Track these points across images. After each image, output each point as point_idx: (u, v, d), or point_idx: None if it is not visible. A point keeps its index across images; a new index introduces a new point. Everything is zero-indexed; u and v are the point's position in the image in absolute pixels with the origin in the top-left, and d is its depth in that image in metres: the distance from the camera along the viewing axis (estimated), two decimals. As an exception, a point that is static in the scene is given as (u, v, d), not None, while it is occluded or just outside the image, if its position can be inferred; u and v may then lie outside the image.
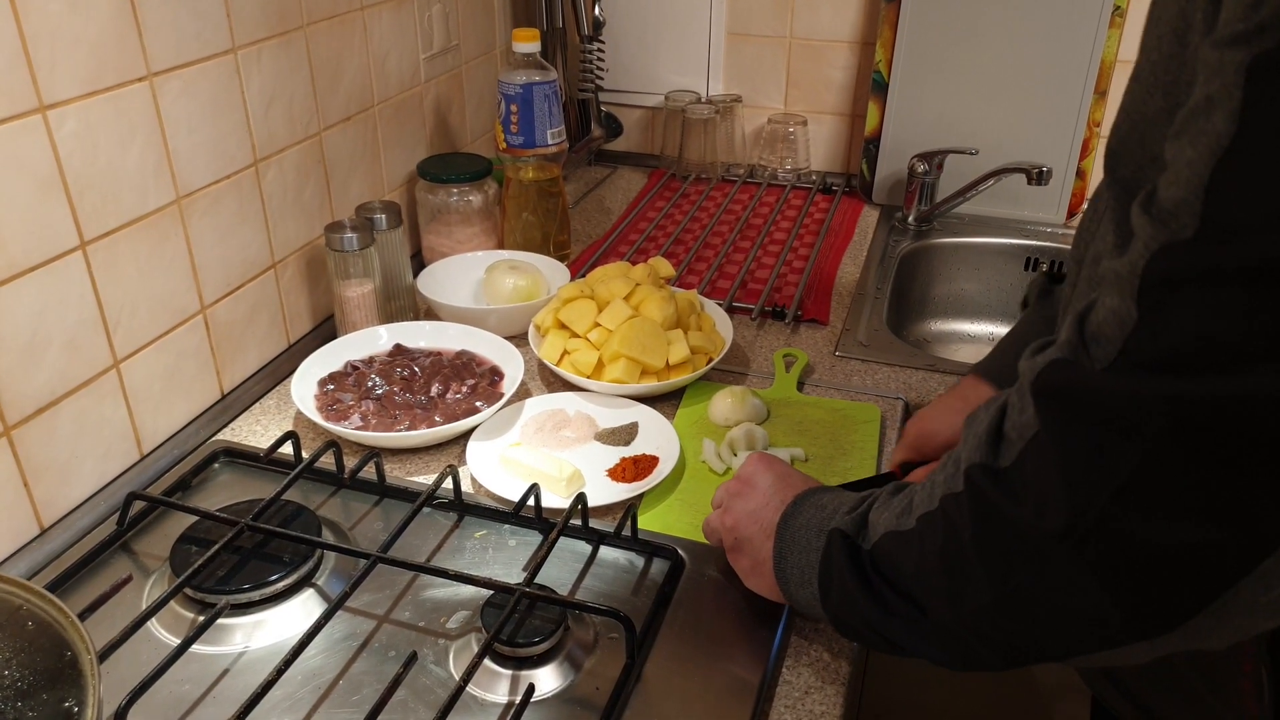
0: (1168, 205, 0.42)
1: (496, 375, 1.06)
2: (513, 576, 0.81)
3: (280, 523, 0.83)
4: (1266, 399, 0.40)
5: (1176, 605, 0.46)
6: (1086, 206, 0.77)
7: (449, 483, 0.88)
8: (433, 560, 0.84)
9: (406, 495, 0.91)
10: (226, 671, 0.73)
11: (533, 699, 0.70)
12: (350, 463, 0.93)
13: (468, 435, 0.97)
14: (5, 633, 0.58)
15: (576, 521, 0.85)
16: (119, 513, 0.86)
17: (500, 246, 1.34)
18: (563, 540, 0.85)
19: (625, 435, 0.99)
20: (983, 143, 1.45)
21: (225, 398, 1.04)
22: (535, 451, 0.93)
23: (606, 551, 0.85)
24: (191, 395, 0.99)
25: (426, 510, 0.88)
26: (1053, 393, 0.49)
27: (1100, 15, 1.37)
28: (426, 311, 1.22)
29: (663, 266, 1.15)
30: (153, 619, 0.75)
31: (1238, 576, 0.44)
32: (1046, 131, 1.45)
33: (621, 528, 0.84)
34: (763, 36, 1.62)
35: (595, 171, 1.74)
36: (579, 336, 1.06)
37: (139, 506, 0.88)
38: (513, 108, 1.24)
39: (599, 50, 1.64)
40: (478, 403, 1.01)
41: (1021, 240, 1.48)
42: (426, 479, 0.94)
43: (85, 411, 0.87)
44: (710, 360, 1.07)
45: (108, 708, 0.63)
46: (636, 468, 0.93)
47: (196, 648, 0.73)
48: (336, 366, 1.06)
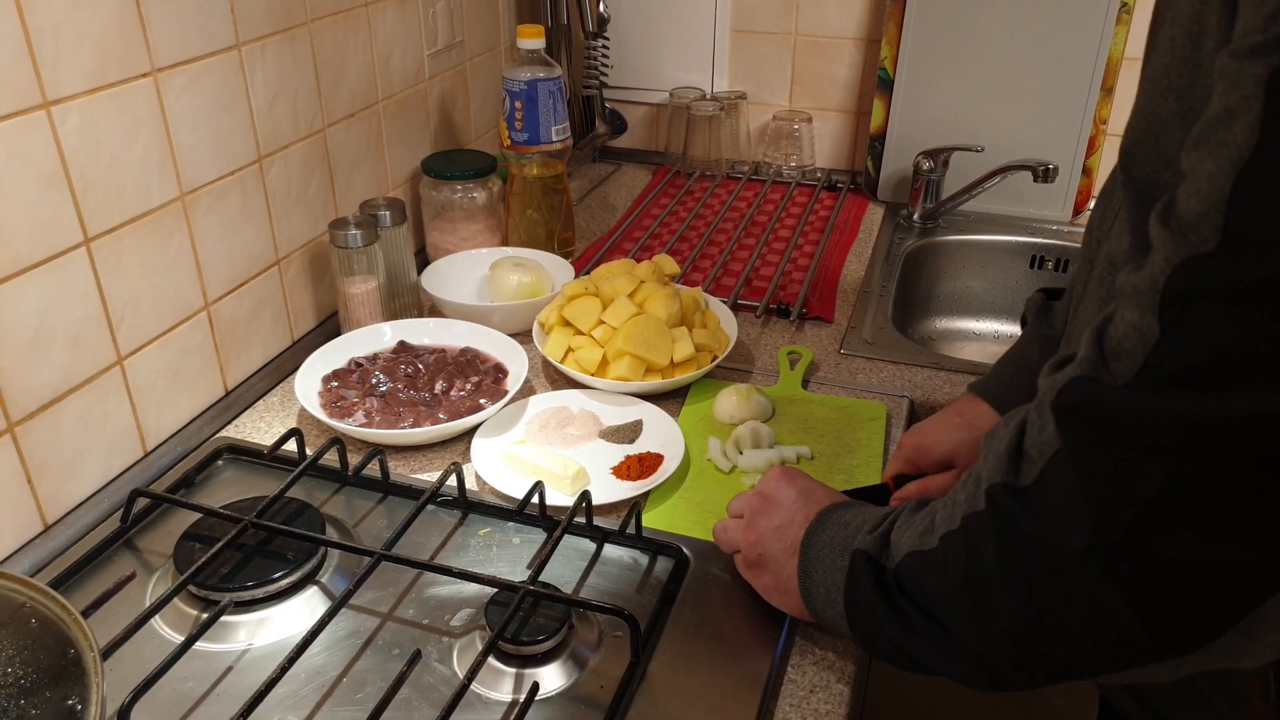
0: (1188, 218, 0.42)
1: (501, 372, 1.06)
2: (517, 574, 0.81)
3: (284, 520, 0.83)
4: None
5: (1204, 623, 0.46)
6: (1095, 202, 0.77)
7: (453, 480, 0.88)
8: (437, 558, 0.84)
9: (410, 493, 0.91)
10: (230, 669, 0.73)
11: (537, 697, 0.70)
12: (354, 460, 0.93)
13: (472, 432, 0.97)
14: (9, 630, 0.58)
15: (581, 519, 0.85)
16: (122, 510, 0.86)
17: (504, 243, 1.33)
18: (567, 538, 0.85)
19: (630, 433, 0.98)
20: (988, 140, 1.44)
21: (229, 395, 1.03)
22: (539, 449, 0.93)
23: (611, 549, 0.85)
24: (195, 392, 0.99)
25: (430, 508, 0.88)
26: (1074, 410, 0.48)
27: (1107, 12, 1.37)
28: (431, 308, 1.22)
29: (667, 264, 1.15)
30: (156, 616, 0.75)
31: (1266, 594, 0.44)
32: (1052, 129, 1.45)
33: (626, 526, 0.84)
34: (768, 33, 1.62)
35: (600, 168, 1.74)
36: (583, 334, 1.06)
37: (143, 503, 0.87)
38: (517, 104, 1.24)
39: (604, 47, 1.64)
40: (482, 400, 1.00)
41: (1027, 238, 1.47)
42: (430, 476, 0.93)
43: (89, 408, 0.86)
44: (715, 358, 1.07)
45: (111, 705, 0.62)
46: (641, 465, 0.92)
47: (200, 645, 0.72)
48: (340, 363, 1.06)
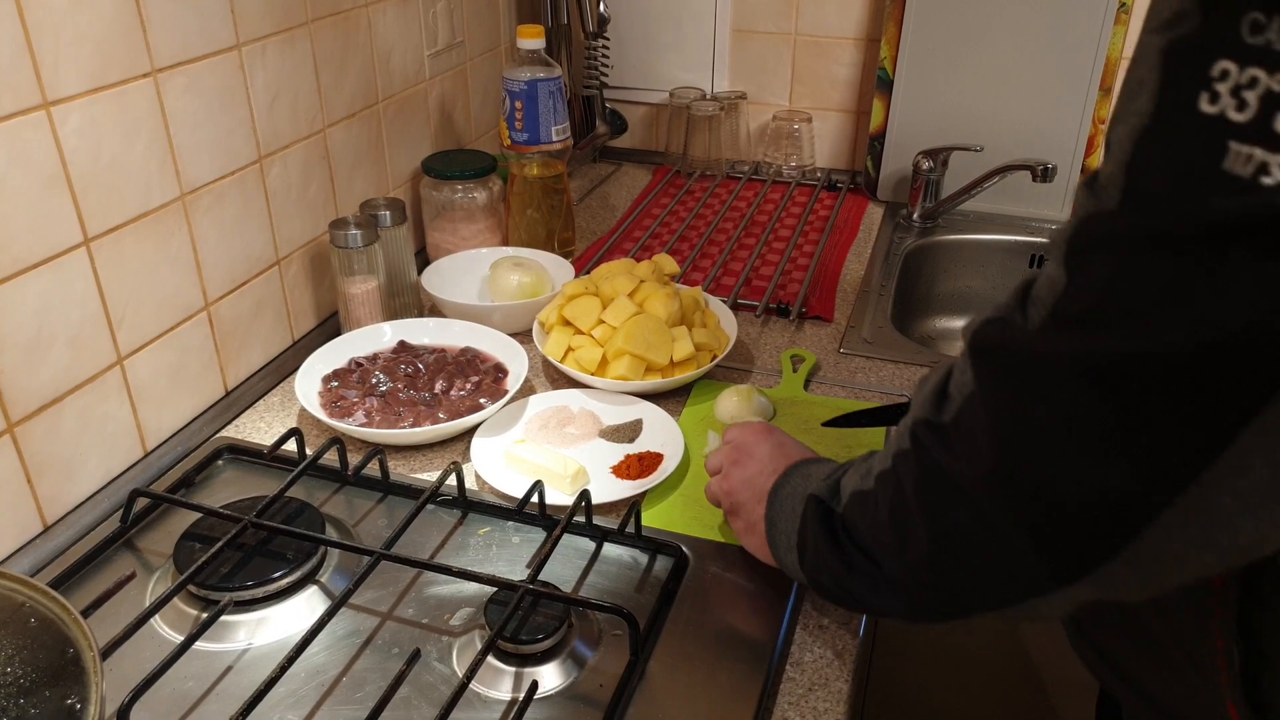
0: (1102, 181, 0.46)
1: (500, 372, 1.06)
2: (516, 573, 0.81)
3: (284, 520, 0.83)
4: (1161, 355, 0.43)
5: (1089, 550, 0.50)
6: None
7: (453, 480, 0.88)
8: (436, 557, 0.84)
9: (410, 492, 0.91)
10: (230, 668, 0.73)
11: (536, 696, 0.70)
12: (354, 460, 0.93)
13: (472, 432, 0.97)
14: (8, 630, 0.58)
15: (580, 518, 0.85)
16: (122, 509, 0.86)
17: (505, 243, 1.34)
18: (566, 537, 0.85)
19: (629, 432, 0.99)
20: (988, 139, 1.44)
21: (229, 394, 1.04)
22: (539, 448, 0.93)
23: (610, 548, 0.85)
24: (195, 392, 0.99)
25: (430, 507, 0.88)
26: (986, 350, 0.53)
27: (1106, 11, 1.37)
28: (431, 308, 1.22)
29: (667, 263, 1.15)
30: (156, 616, 0.75)
31: (1142, 524, 0.47)
32: (1052, 128, 1.45)
33: (625, 525, 0.84)
34: (768, 33, 1.62)
35: (600, 168, 1.74)
36: (583, 333, 1.06)
37: (142, 503, 0.88)
38: (517, 104, 1.24)
39: (604, 47, 1.64)
40: (482, 399, 1.01)
41: (1026, 237, 1.47)
42: (430, 476, 0.93)
43: (89, 408, 0.87)
44: (715, 357, 1.07)
45: (111, 705, 0.63)
46: (641, 465, 0.93)
47: (200, 645, 0.73)
48: (340, 363, 1.06)
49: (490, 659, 0.72)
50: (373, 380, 1.02)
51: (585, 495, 0.84)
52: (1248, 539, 0.45)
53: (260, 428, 1.02)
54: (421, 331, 1.12)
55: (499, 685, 0.71)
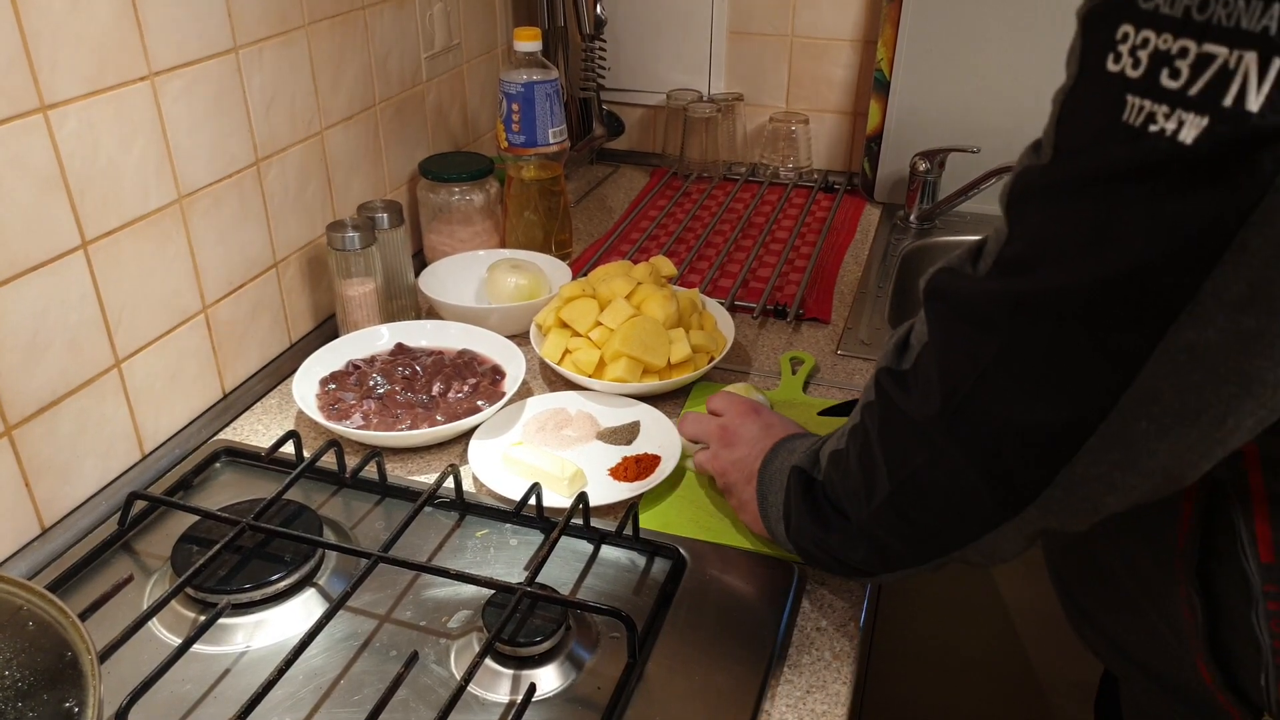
0: (1041, 140, 0.51)
1: (498, 374, 1.06)
2: (514, 576, 0.81)
3: (281, 522, 0.83)
4: (1077, 290, 0.47)
5: (1030, 478, 0.53)
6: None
7: (450, 482, 0.88)
8: (434, 560, 0.84)
9: (408, 494, 0.91)
10: (228, 671, 0.73)
11: (534, 698, 0.70)
12: (351, 462, 0.93)
13: (469, 434, 0.97)
14: (6, 633, 0.58)
15: (578, 521, 0.85)
16: (120, 512, 0.86)
17: (502, 245, 1.34)
18: (564, 539, 0.85)
19: (627, 434, 0.99)
20: (985, 141, 1.44)
21: (226, 397, 1.04)
22: (537, 451, 0.93)
23: (608, 551, 0.85)
24: (193, 395, 0.99)
25: (428, 510, 0.88)
26: (936, 295, 0.57)
27: (1103, 13, 1.37)
28: (428, 310, 1.22)
29: (664, 265, 1.15)
30: (154, 619, 0.75)
31: (1072, 451, 0.51)
32: (1049, 130, 1.45)
33: (623, 527, 0.84)
34: (764, 35, 1.62)
35: (597, 170, 1.74)
36: (581, 335, 1.06)
37: (140, 506, 0.88)
38: (514, 106, 1.24)
39: (600, 49, 1.64)
40: (479, 402, 1.01)
41: (1024, 239, 1.47)
42: (428, 478, 0.94)
43: (86, 411, 0.87)
44: (712, 359, 1.07)
45: (109, 708, 0.63)
46: (638, 467, 0.93)
47: (198, 647, 0.73)
48: (338, 366, 1.06)
49: (488, 661, 0.72)
50: (370, 382, 1.02)
51: (583, 497, 0.84)
52: (1165, 460, 0.50)
53: (258, 430, 1.02)
54: (419, 334, 1.12)
55: (497, 688, 0.71)
